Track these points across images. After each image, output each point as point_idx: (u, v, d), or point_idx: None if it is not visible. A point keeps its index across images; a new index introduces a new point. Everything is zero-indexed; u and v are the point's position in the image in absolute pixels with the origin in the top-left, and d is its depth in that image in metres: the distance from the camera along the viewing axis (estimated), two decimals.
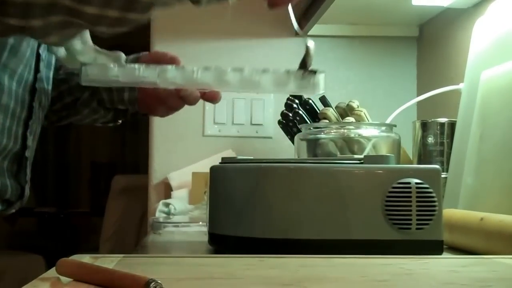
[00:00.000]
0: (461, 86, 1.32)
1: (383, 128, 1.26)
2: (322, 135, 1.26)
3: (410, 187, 0.81)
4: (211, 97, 1.00)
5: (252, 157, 0.96)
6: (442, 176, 0.91)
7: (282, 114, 1.56)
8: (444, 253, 0.83)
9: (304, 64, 0.86)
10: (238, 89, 0.82)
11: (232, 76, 0.80)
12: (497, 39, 1.19)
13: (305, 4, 1.73)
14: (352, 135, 1.23)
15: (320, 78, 0.89)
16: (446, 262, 0.74)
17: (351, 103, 1.41)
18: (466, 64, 1.30)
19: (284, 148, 1.80)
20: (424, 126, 1.33)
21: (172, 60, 0.97)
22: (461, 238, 0.89)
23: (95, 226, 3.31)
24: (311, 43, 0.85)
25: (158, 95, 1.02)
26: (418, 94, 1.75)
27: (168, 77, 0.81)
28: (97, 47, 0.85)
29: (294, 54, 1.95)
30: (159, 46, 1.88)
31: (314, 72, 0.87)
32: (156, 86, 0.82)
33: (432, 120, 1.33)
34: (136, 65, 0.81)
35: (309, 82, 0.86)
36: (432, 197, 0.81)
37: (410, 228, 0.80)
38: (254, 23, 1.91)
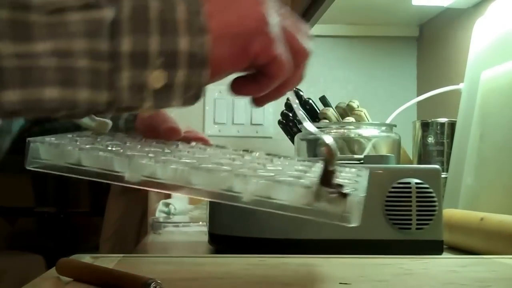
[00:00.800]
0: (461, 86, 1.32)
1: (383, 128, 1.26)
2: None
3: (410, 187, 0.81)
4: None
5: None
6: (442, 176, 0.91)
7: (282, 114, 1.56)
8: (444, 253, 0.83)
9: (326, 177, 0.53)
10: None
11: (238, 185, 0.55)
12: (497, 39, 1.19)
13: (305, 4, 1.73)
14: (352, 135, 1.23)
15: (354, 203, 0.52)
16: (446, 262, 0.74)
17: (351, 103, 1.41)
18: (466, 64, 1.30)
19: (284, 148, 1.80)
20: (424, 126, 1.33)
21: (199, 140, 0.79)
22: (461, 238, 0.89)
23: (95, 226, 3.30)
24: (329, 139, 0.56)
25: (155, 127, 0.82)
26: (418, 94, 1.75)
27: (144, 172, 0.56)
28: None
29: None
30: None
31: (343, 194, 0.52)
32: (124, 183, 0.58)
33: (432, 120, 1.33)
34: (103, 153, 0.58)
35: (337, 208, 0.52)
36: (432, 197, 0.81)
37: (410, 228, 0.80)
38: None
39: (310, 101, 1.50)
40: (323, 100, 1.50)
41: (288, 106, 1.52)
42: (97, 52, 0.46)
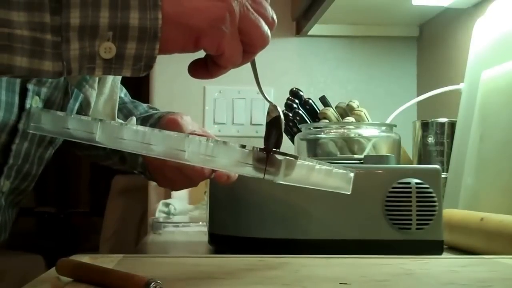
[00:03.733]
0: (461, 86, 1.32)
1: (383, 128, 1.26)
2: (322, 135, 1.25)
3: (410, 187, 0.81)
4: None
5: None
6: (442, 176, 0.91)
7: (282, 114, 1.56)
8: (444, 253, 0.83)
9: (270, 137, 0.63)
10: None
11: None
12: (497, 39, 1.19)
13: (306, 4, 1.73)
14: (352, 135, 1.23)
15: (278, 161, 0.58)
16: (446, 262, 0.74)
17: (351, 103, 1.41)
18: (466, 64, 1.30)
19: (284, 148, 1.80)
20: (424, 126, 1.32)
21: None
22: (461, 238, 0.89)
23: (95, 226, 3.30)
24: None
25: (177, 166, 0.84)
26: (418, 94, 1.75)
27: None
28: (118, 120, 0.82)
29: (295, 54, 1.96)
30: None
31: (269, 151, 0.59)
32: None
33: (432, 120, 1.33)
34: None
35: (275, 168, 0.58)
36: (432, 197, 0.81)
37: (410, 228, 0.80)
38: None
39: (310, 101, 1.50)
40: (323, 100, 1.50)
41: (288, 106, 1.52)
42: (39, 24, 0.50)
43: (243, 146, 0.59)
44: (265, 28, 0.58)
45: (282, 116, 0.65)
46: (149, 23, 0.52)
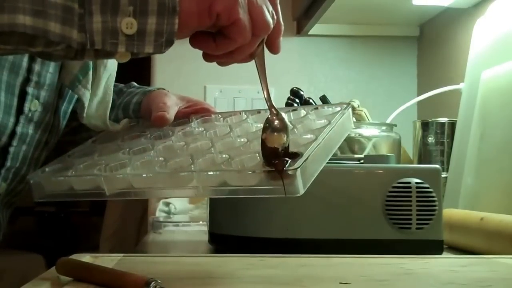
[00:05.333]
0: (461, 86, 1.32)
1: (384, 127, 1.26)
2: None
3: (410, 187, 0.81)
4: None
5: None
6: (442, 176, 0.91)
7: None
8: (444, 252, 0.83)
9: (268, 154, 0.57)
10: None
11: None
12: (497, 39, 1.19)
13: (306, 3, 1.73)
14: (353, 135, 1.23)
15: (291, 176, 0.54)
16: (446, 261, 0.74)
17: (351, 103, 1.41)
18: (466, 63, 1.30)
19: None
20: (425, 125, 1.32)
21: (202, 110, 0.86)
22: (461, 238, 0.89)
23: (95, 226, 3.30)
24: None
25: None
26: (419, 94, 1.75)
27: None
28: (110, 122, 0.83)
29: (295, 54, 1.96)
30: None
31: (279, 170, 0.55)
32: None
33: (433, 119, 1.33)
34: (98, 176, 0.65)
35: (277, 183, 0.55)
36: (432, 197, 0.81)
37: (410, 228, 0.80)
38: None
39: (311, 100, 1.50)
40: (324, 99, 1.50)
41: (289, 105, 1.52)
42: None
43: (254, 170, 0.56)
44: (269, 16, 0.59)
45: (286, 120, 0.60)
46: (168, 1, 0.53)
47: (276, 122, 0.58)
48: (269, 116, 0.60)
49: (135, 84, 1.04)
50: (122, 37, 0.53)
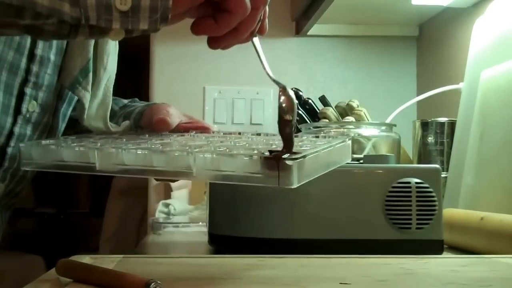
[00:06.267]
0: (461, 85, 1.32)
1: (383, 127, 1.26)
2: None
3: (410, 187, 0.81)
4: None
5: None
6: (442, 175, 0.91)
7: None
8: (444, 252, 0.83)
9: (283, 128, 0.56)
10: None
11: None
12: (496, 38, 1.19)
13: (305, 4, 1.73)
14: (352, 135, 1.23)
15: (288, 166, 0.54)
16: (446, 261, 0.74)
17: (351, 103, 1.41)
18: (466, 63, 1.30)
19: None
20: (424, 125, 1.32)
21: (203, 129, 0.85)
22: (461, 237, 0.89)
23: (95, 227, 3.30)
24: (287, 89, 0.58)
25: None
26: (418, 94, 1.75)
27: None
28: (110, 124, 0.83)
29: (294, 54, 1.96)
30: (159, 46, 1.88)
31: (277, 158, 0.54)
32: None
33: (432, 119, 1.33)
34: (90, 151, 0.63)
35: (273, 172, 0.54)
36: (432, 196, 0.81)
37: (410, 228, 0.80)
38: None
39: (310, 100, 1.51)
40: (323, 99, 1.50)
41: None
42: None
43: (250, 155, 0.56)
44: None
45: (294, 97, 0.58)
46: None
47: (282, 98, 0.57)
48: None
49: (139, 100, 1.04)
50: (116, 13, 0.53)
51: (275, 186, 0.54)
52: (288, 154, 0.55)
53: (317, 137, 0.74)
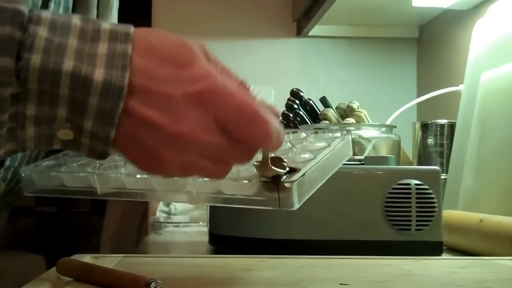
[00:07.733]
0: (461, 87, 1.32)
1: (383, 129, 1.26)
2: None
3: (410, 188, 0.81)
4: None
5: None
6: (442, 177, 0.91)
7: (283, 114, 1.56)
8: (443, 254, 0.83)
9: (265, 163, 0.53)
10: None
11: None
12: (496, 40, 1.19)
13: (306, 5, 1.74)
14: (352, 136, 1.23)
15: (287, 188, 0.53)
16: (445, 263, 0.74)
17: (351, 104, 1.41)
18: (466, 65, 1.30)
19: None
20: (424, 127, 1.33)
21: None
22: (460, 239, 0.89)
23: (95, 226, 3.30)
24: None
25: None
26: (418, 96, 1.75)
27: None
28: None
29: (294, 54, 1.96)
30: None
31: (276, 182, 0.53)
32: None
33: (432, 121, 1.33)
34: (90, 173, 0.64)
35: (273, 195, 0.53)
36: (432, 198, 0.81)
37: (409, 229, 0.81)
38: (254, 24, 1.91)
39: (311, 102, 1.51)
40: (324, 101, 1.50)
41: (289, 106, 1.52)
42: None
43: (250, 180, 0.55)
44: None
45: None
46: (102, 133, 0.49)
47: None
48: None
49: None
50: (58, 141, 0.50)
51: (277, 209, 0.54)
52: (285, 176, 0.54)
53: (317, 132, 0.74)
